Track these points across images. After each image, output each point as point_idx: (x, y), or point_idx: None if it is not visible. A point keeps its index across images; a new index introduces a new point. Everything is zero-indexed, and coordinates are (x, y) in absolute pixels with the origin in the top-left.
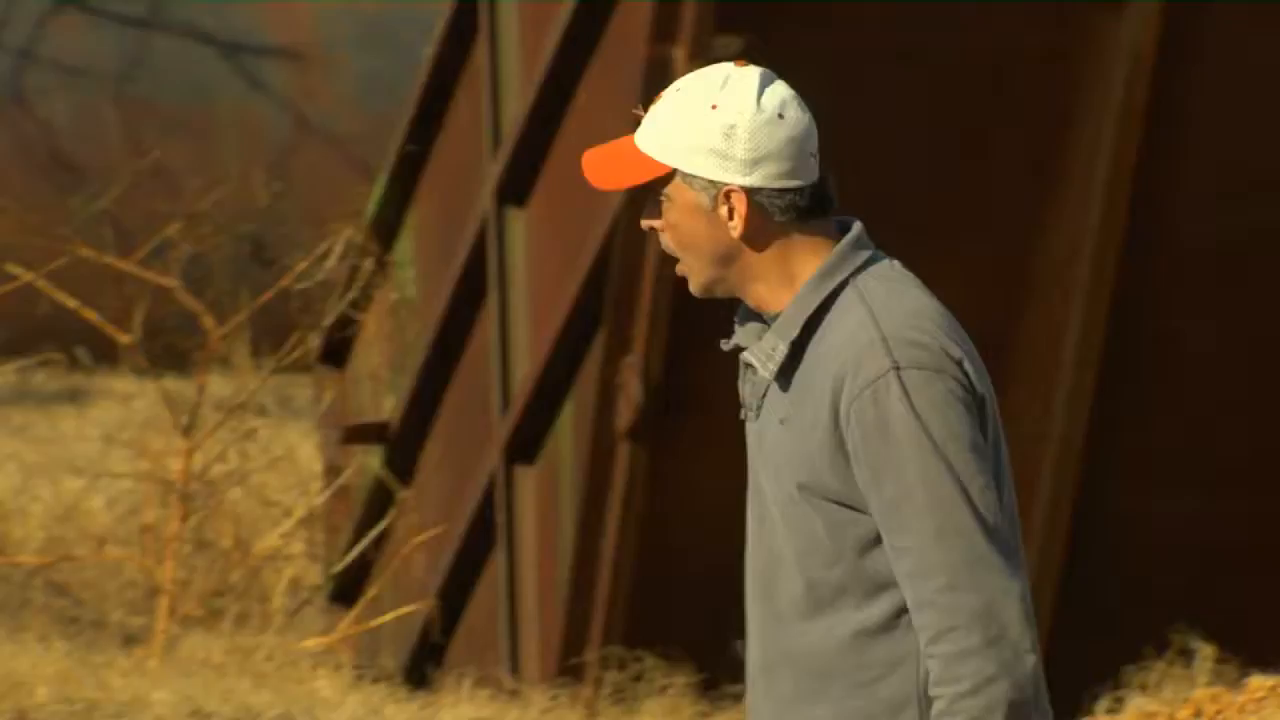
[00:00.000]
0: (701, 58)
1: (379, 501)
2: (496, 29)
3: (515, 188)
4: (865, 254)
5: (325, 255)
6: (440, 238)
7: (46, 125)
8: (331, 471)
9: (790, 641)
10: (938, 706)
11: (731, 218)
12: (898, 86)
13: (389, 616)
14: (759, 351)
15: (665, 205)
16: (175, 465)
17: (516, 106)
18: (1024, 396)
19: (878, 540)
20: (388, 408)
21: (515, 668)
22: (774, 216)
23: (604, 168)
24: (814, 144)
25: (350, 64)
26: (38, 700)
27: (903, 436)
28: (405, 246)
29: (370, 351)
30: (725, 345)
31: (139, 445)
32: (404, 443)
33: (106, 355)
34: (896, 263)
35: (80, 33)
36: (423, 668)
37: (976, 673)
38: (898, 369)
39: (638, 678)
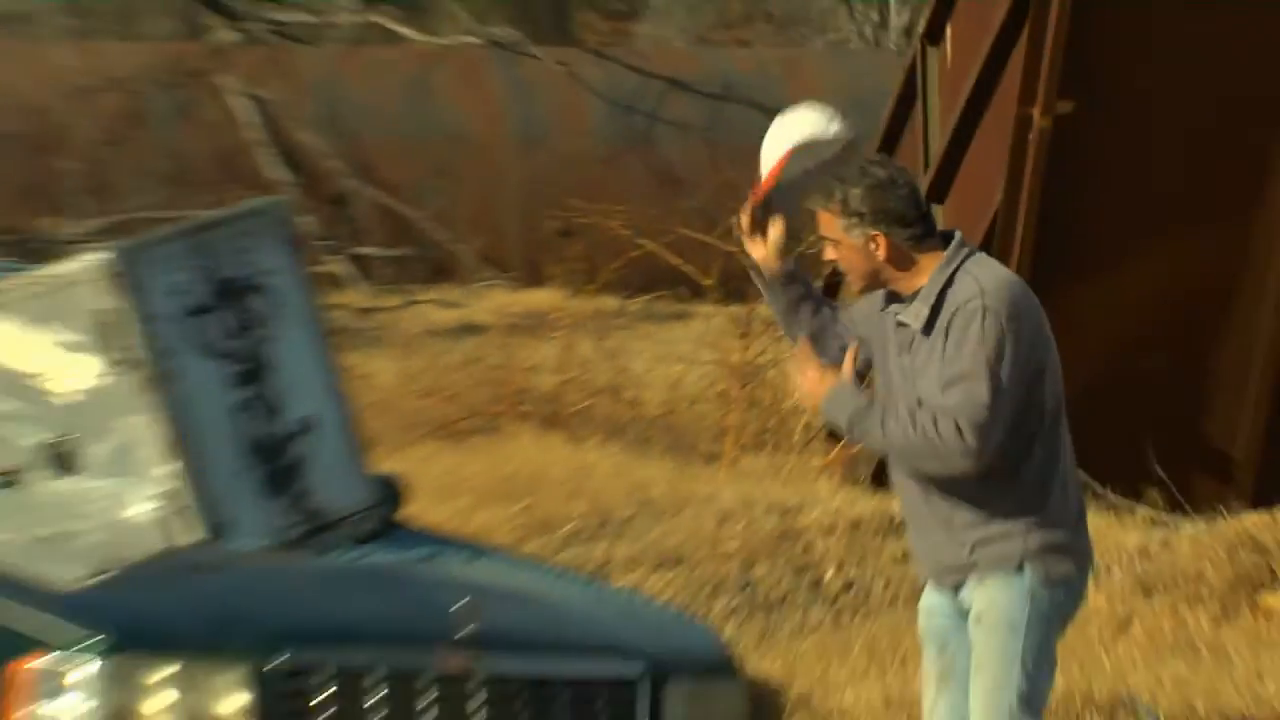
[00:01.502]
0: (1049, 114)
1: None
2: (928, 87)
3: (939, 192)
4: (966, 249)
5: None
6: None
7: (664, 156)
8: None
9: (931, 488)
10: (889, 415)
11: (878, 250)
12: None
13: (859, 448)
14: (911, 314)
15: (832, 245)
16: (735, 356)
17: (937, 142)
18: (1239, 334)
19: None
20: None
21: None
22: (902, 245)
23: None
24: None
25: None
26: (654, 494)
27: (973, 339)
28: None
29: None
30: (883, 311)
31: (716, 344)
32: None
33: (698, 292)
34: (982, 253)
35: None
36: (883, 474)
37: (923, 431)
38: (985, 308)
39: None
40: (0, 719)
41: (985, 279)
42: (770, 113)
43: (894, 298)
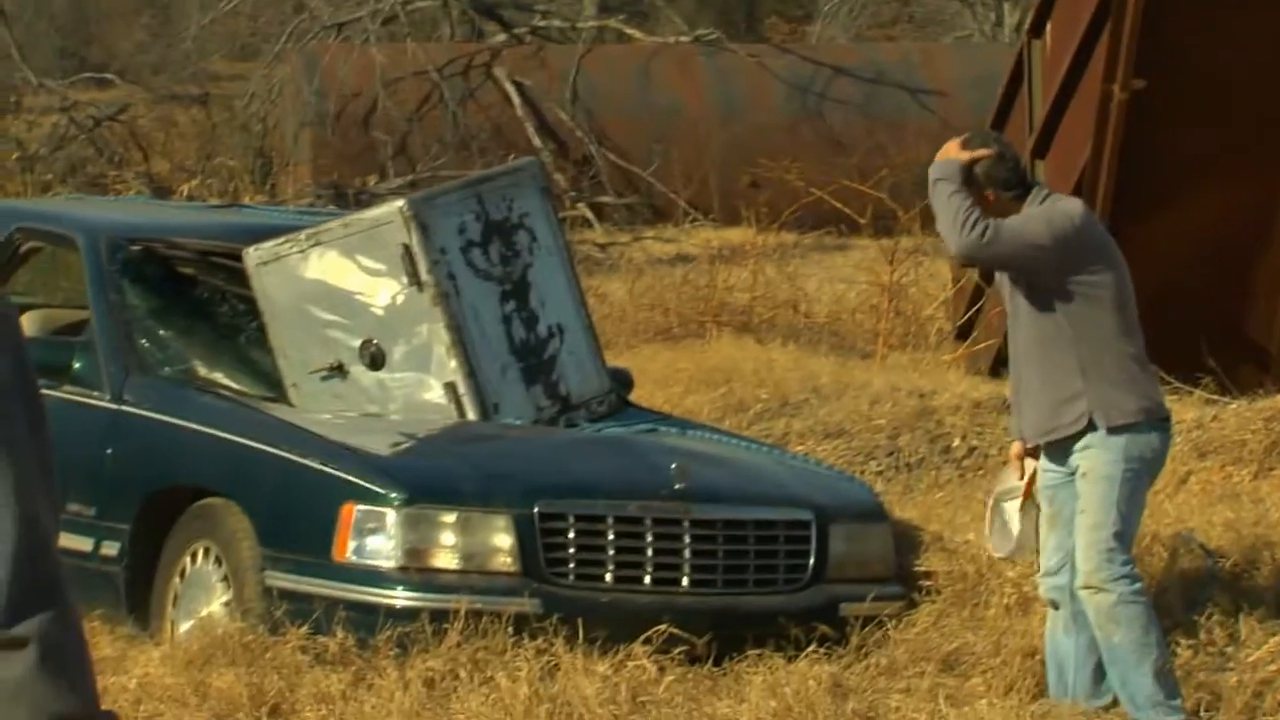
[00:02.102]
0: (1126, 90)
1: (976, 294)
2: (1032, 70)
3: (1041, 149)
4: (1045, 192)
5: None
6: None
7: (830, 126)
8: (956, 279)
9: (1040, 374)
10: (959, 194)
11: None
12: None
13: (979, 347)
14: None
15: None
16: (884, 278)
17: (1040, 112)
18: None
19: (1046, 292)
20: None
21: None
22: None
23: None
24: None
25: None
26: (822, 382)
27: (1035, 218)
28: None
29: None
30: None
31: (870, 269)
32: None
33: (855, 229)
34: (1057, 194)
35: None
36: (997, 366)
37: (966, 214)
38: (1049, 215)
39: None
40: (337, 544)
41: (1057, 202)
42: (911, 92)
43: None
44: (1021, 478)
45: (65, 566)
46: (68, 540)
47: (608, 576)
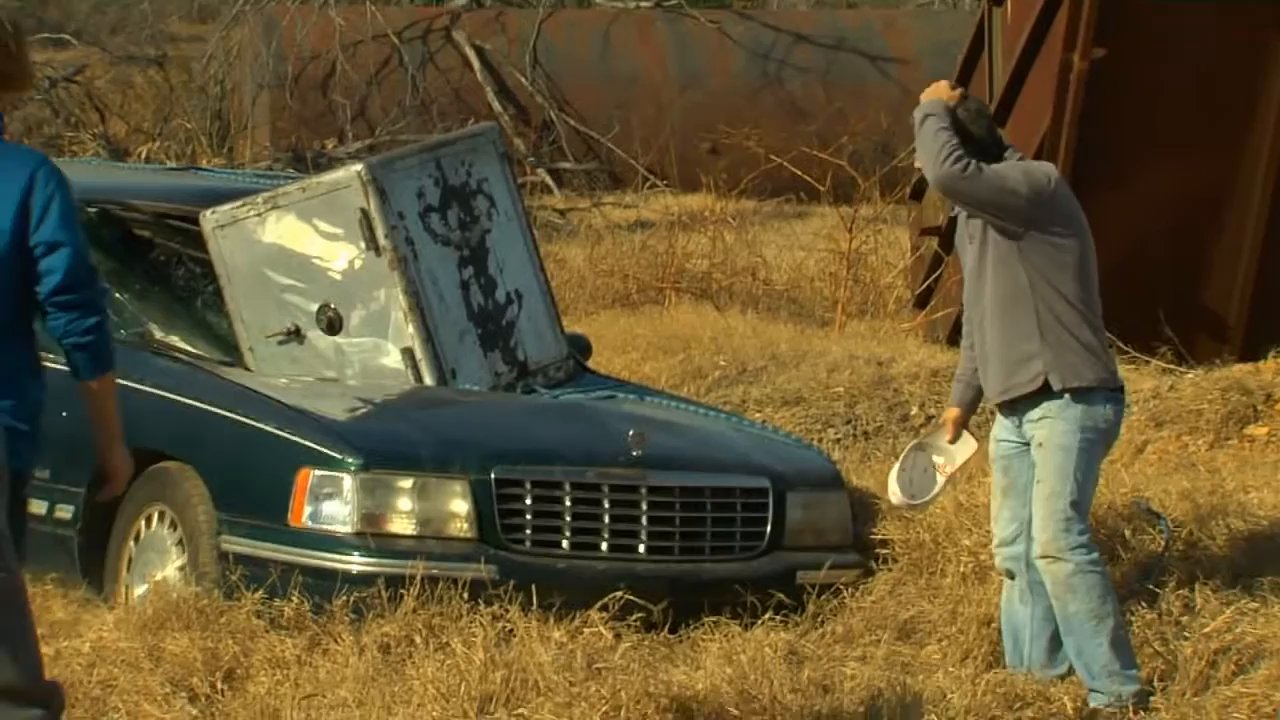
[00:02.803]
0: (1087, 58)
1: (936, 262)
2: (993, 38)
3: (1001, 118)
4: (1019, 155)
5: None
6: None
7: (790, 93)
8: (915, 247)
9: (997, 338)
10: (945, 130)
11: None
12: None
13: (938, 315)
14: None
15: None
16: (843, 245)
17: (1000, 80)
18: (1237, 213)
19: (1011, 249)
20: (940, 219)
21: None
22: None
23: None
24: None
25: None
26: (780, 349)
27: (1014, 168)
28: None
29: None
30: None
31: (829, 236)
32: (948, 232)
33: (815, 196)
34: (1030, 158)
35: None
36: (956, 337)
37: (950, 149)
38: (1028, 168)
39: None
40: (294, 509)
41: (1034, 163)
42: (872, 60)
43: None
44: (951, 442)
45: (5, 534)
46: None
47: (564, 543)
